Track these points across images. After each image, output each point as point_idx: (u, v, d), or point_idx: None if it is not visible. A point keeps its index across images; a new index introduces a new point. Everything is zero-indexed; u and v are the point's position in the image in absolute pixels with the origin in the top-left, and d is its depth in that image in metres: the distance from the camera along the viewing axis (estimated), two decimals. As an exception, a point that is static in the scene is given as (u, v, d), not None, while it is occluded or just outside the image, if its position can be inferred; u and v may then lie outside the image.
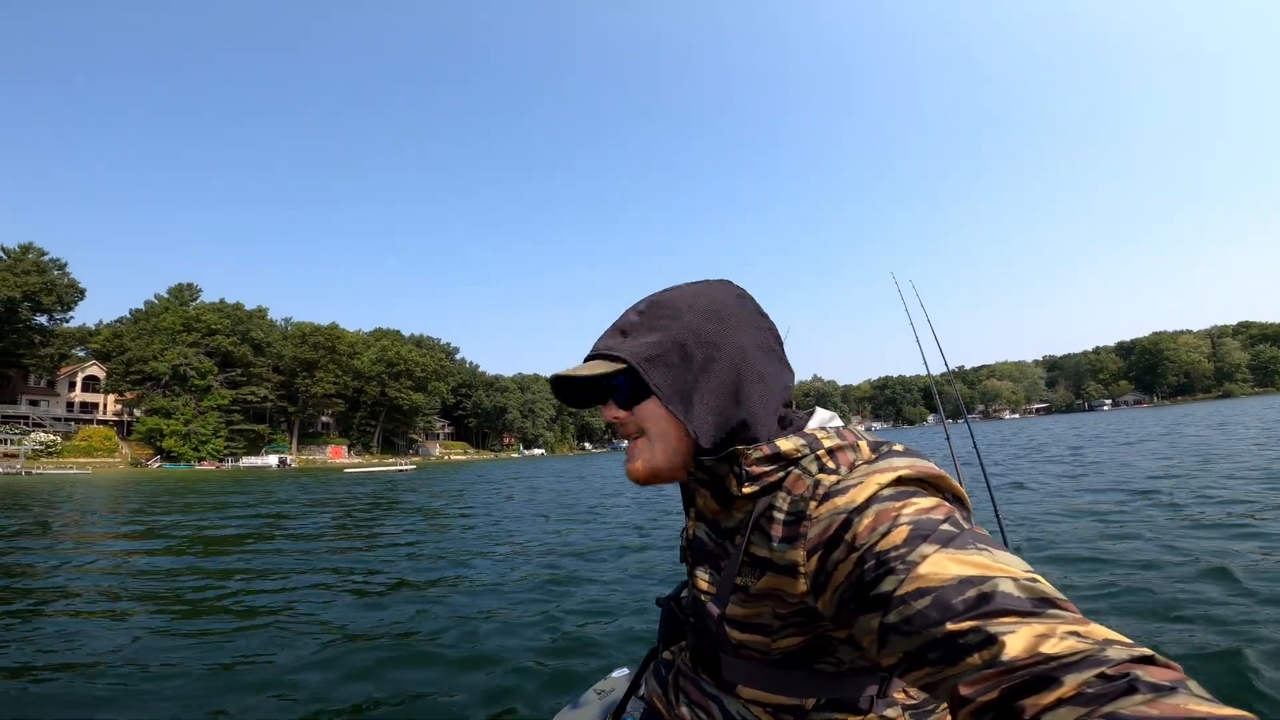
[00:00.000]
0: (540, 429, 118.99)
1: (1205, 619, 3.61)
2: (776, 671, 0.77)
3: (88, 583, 6.45)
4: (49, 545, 9.51)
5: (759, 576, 0.75)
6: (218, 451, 67.04)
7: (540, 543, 8.35)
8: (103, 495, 22.75)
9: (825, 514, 0.68)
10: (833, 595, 0.65)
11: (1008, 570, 0.55)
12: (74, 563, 7.77)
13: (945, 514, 0.63)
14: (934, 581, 0.55)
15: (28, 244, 62.20)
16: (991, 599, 0.52)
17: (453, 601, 5.21)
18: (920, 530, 0.60)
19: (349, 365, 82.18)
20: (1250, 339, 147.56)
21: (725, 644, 0.81)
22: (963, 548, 0.58)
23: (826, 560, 0.66)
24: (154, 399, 65.54)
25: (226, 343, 70.25)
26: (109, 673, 3.70)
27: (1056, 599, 0.53)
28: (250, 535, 10.34)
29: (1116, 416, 60.49)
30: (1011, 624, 0.50)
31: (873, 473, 0.69)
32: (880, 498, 0.65)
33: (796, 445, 0.76)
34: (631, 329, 0.83)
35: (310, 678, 3.56)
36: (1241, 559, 4.74)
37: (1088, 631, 0.49)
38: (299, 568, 7.03)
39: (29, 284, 58.35)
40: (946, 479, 0.70)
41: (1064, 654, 0.46)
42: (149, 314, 71.97)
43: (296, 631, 4.45)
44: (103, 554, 8.64)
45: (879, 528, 0.62)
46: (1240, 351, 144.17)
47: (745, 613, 0.77)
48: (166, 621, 4.87)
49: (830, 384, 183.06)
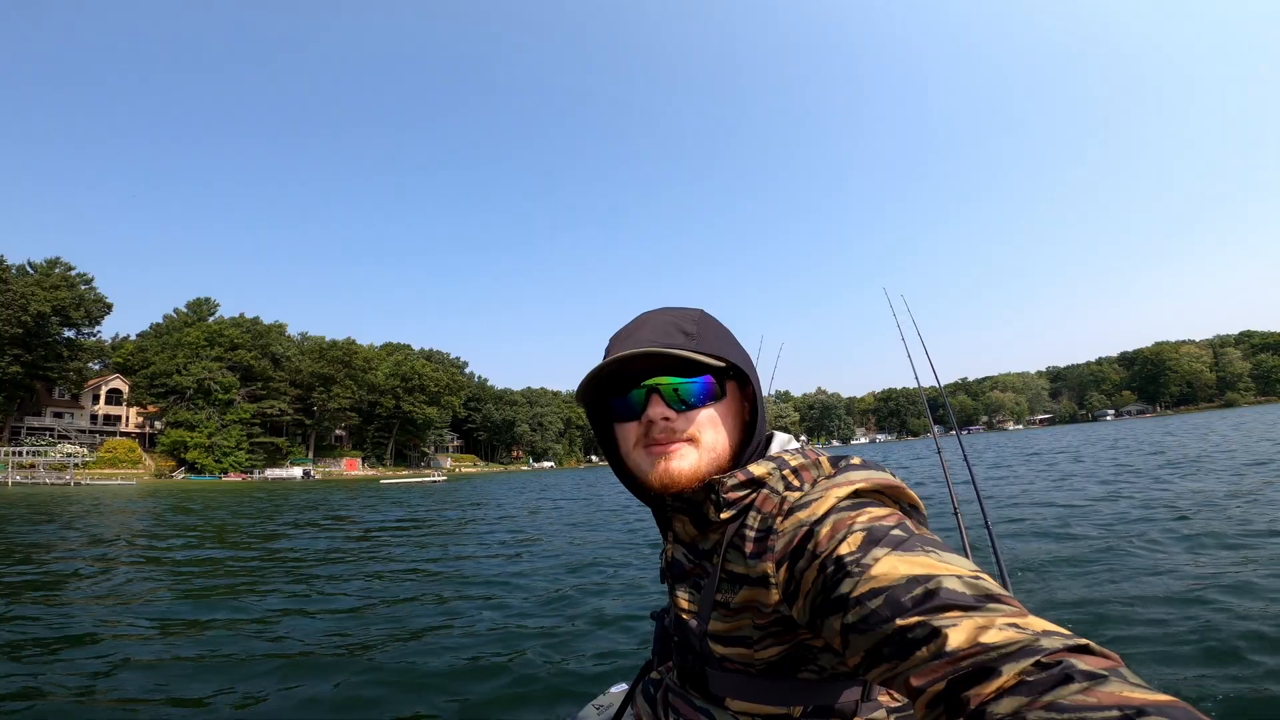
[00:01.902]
0: (549, 442, 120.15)
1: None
2: (762, 682, 0.81)
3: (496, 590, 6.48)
4: (356, 565, 8.52)
5: (736, 591, 0.80)
6: (240, 463, 68.06)
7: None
8: (194, 504, 23.61)
9: (790, 527, 0.74)
10: (804, 603, 0.70)
11: (952, 569, 0.60)
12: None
13: (896, 520, 0.69)
14: (885, 582, 0.60)
15: (55, 258, 63.57)
16: (936, 595, 0.57)
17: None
18: (873, 536, 0.66)
19: (364, 379, 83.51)
20: (1252, 348, 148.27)
21: (710, 659, 0.85)
22: (911, 550, 0.63)
23: (793, 569, 0.72)
24: (178, 412, 66.73)
25: (248, 357, 71.64)
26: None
27: (999, 594, 0.57)
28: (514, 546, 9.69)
29: (1120, 427, 60.91)
30: (954, 618, 0.54)
31: (832, 486, 0.75)
32: (838, 509, 0.72)
33: (767, 469, 0.82)
34: (696, 335, 0.87)
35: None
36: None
37: (1025, 623, 0.53)
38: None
39: (59, 298, 59.62)
40: (901, 489, 0.77)
41: (1002, 644, 0.50)
42: (169, 328, 73.37)
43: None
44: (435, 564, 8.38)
45: (836, 535, 0.68)
46: (1242, 361, 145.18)
47: (726, 627, 0.82)
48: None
49: (834, 396, 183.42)
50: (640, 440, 0.87)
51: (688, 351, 0.82)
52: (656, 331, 0.86)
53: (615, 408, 0.89)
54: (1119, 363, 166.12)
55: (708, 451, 0.85)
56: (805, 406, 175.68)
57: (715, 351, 0.84)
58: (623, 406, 0.88)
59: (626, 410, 0.88)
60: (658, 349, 0.82)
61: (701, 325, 0.88)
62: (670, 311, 0.91)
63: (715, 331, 0.89)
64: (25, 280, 58.87)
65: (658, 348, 0.82)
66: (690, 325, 0.87)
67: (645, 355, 0.83)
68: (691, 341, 0.85)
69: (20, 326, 56.02)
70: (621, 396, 0.88)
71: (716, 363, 0.84)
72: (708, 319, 0.91)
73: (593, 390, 0.91)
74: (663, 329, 0.87)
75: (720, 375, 0.86)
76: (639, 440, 0.87)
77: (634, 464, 0.89)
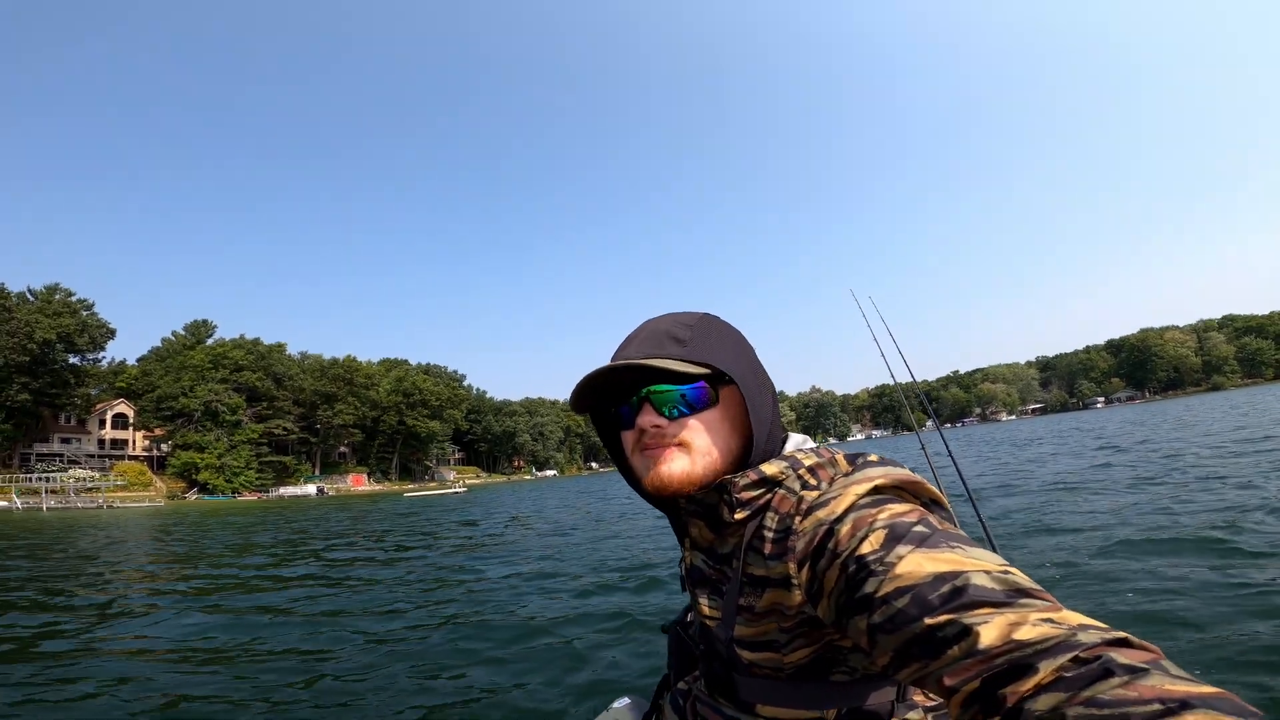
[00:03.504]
0: (550, 451, 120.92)
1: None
2: (793, 686, 0.80)
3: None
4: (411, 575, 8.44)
5: (760, 594, 0.79)
6: (251, 483, 68.32)
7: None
8: (245, 523, 23.91)
9: (809, 526, 0.73)
10: (828, 603, 0.69)
11: (980, 564, 0.59)
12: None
13: (918, 517, 0.68)
14: (911, 580, 0.59)
15: (54, 284, 63.56)
16: (965, 592, 0.56)
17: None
18: (895, 533, 0.65)
19: (366, 396, 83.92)
20: (1235, 332, 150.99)
21: (738, 665, 0.84)
22: (935, 546, 0.62)
23: (815, 569, 0.71)
24: (186, 434, 66.87)
25: (252, 378, 71.86)
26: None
27: (1030, 588, 0.56)
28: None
29: (1113, 413, 61.79)
30: (985, 615, 0.53)
31: (850, 484, 0.74)
32: (858, 506, 0.71)
33: (780, 468, 0.82)
34: (690, 341, 0.86)
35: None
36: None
37: (1060, 618, 0.52)
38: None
39: (63, 324, 59.79)
40: (922, 484, 0.77)
41: (1037, 640, 0.49)
42: (169, 351, 73.53)
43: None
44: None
45: (858, 533, 0.67)
46: (1226, 345, 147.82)
47: (753, 632, 0.80)
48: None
49: (829, 394, 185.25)
50: (636, 446, 0.88)
51: (669, 362, 0.82)
52: (648, 342, 0.87)
53: (618, 416, 0.91)
54: (1106, 350, 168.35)
55: (701, 456, 0.85)
56: (801, 405, 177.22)
57: (705, 358, 0.84)
58: (623, 414, 0.90)
59: (625, 418, 0.89)
60: (639, 361, 0.82)
61: (699, 330, 0.88)
62: (670, 318, 0.91)
63: (714, 336, 0.89)
64: (28, 308, 59.02)
65: (640, 360, 0.82)
66: (685, 331, 0.87)
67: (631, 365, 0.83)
68: (683, 349, 0.85)
69: (26, 354, 56.13)
70: (621, 405, 0.89)
71: (700, 370, 0.83)
72: (708, 323, 0.91)
73: (596, 399, 0.93)
74: (655, 338, 0.87)
75: (714, 381, 0.85)
76: (635, 446, 0.88)
77: (634, 468, 0.91)
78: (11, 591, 8.41)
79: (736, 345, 0.91)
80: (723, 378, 0.86)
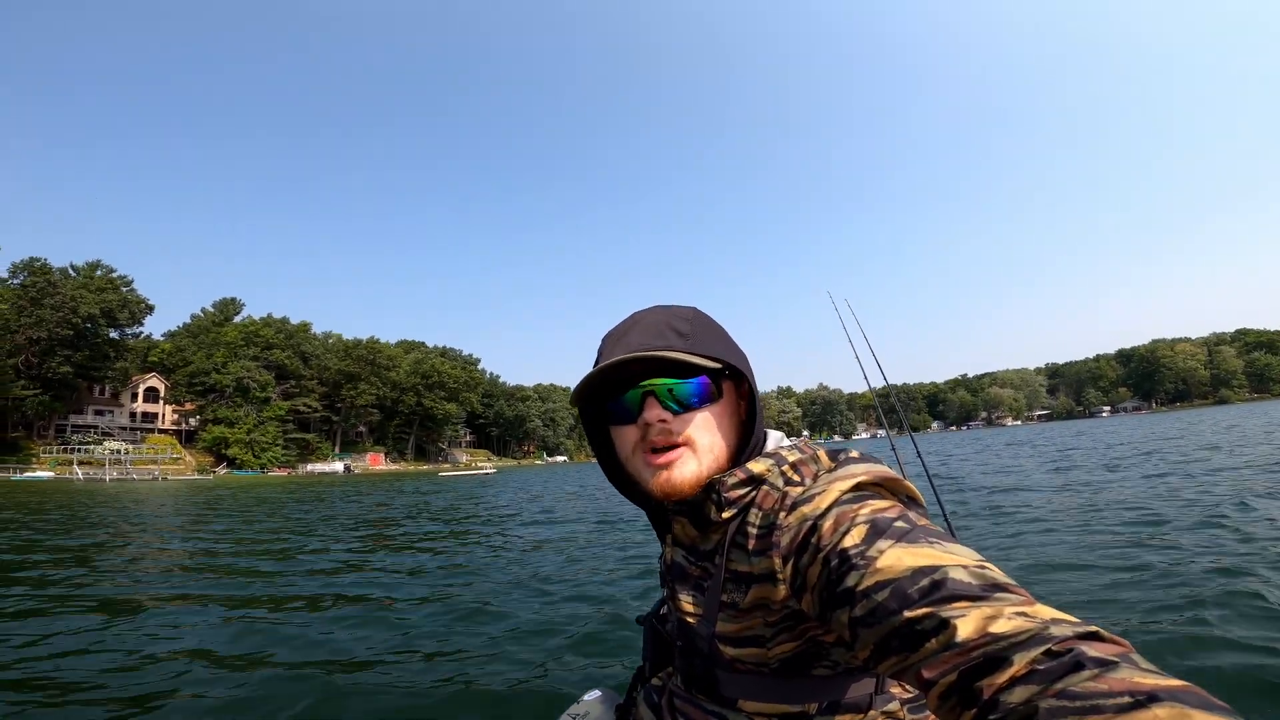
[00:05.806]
0: (560, 437, 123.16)
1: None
2: (776, 681, 0.80)
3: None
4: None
5: (744, 591, 0.78)
6: (277, 459, 70.72)
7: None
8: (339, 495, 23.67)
9: (794, 522, 0.74)
10: (812, 596, 0.70)
11: (957, 559, 0.60)
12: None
13: (899, 513, 0.69)
14: (891, 574, 0.60)
15: (96, 261, 66.09)
16: (943, 586, 0.56)
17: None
18: (877, 528, 0.66)
19: (387, 377, 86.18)
20: (1246, 346, 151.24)
21: (720, 661, 0.83)
22: (915, 542, 0.63)
23: (799, 563, 0.71)
24: (217, 409, 69.29)
25: (281, 356, 74.29)
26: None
27: (1005, 583, 0.57)
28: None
29: (1119, 423, 62.08)
30: (962, 608, 0.54)
31: (834, 480, 0.75)
32: (841, 502, 0.72)
33: (766, 466, 0.82)
34: (691, 335, 0.85)
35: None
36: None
37: (1034, 611, 0.53)
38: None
39: (106, 300, 62.21)
40: (900, 481, 0.77)
41: (1012, 633, 0.50)
42: (199, 328, 75.86)
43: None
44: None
45: (840, 528, 0.68)
46: (1236, 359, 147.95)
47: (737, 628, 0.80)
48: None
49: (836, 392, 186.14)
50: (639, 445, 0.85)
51: (683, 354, 0.81)
52: (649, 333, 0.85)
53: (611, 411, 0.88)
54: (1116, 360, 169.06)
55: (707, 454, 0.84)
56: (808, 402, 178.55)
57: (710, 352, 0.83)
58: (619, 409, 0.86)
59: (623, 413, 0.86)
60: (651, 353, 0.80)
61: (696, 324, 0.87)
62: (663, 310, 0.89)
63: (710, 331, 0.88)
64: (72, 283, 61.32)
65: (651, 351, 0.80)
66: (684, 325, 0.86)
67: (640, 357, 0.81)
68: (686, 342, 0.83)
69: (71, 328, 58.47)
70: (617, 399, 0.86)
71: (712, 364, 0.82)
72: (702, 317, 0.90)
73: (588, 392, 0.88)
74: (655, 329, 0.85)
75: (716, 376, 0.84)
76: (637, 445, 0.85)
77: (633, 469, 0.88)
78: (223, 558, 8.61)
79: (729, 339, 0.91)
80: (724, 372, 0.85)
